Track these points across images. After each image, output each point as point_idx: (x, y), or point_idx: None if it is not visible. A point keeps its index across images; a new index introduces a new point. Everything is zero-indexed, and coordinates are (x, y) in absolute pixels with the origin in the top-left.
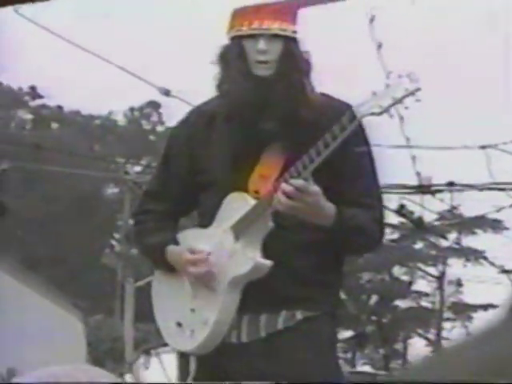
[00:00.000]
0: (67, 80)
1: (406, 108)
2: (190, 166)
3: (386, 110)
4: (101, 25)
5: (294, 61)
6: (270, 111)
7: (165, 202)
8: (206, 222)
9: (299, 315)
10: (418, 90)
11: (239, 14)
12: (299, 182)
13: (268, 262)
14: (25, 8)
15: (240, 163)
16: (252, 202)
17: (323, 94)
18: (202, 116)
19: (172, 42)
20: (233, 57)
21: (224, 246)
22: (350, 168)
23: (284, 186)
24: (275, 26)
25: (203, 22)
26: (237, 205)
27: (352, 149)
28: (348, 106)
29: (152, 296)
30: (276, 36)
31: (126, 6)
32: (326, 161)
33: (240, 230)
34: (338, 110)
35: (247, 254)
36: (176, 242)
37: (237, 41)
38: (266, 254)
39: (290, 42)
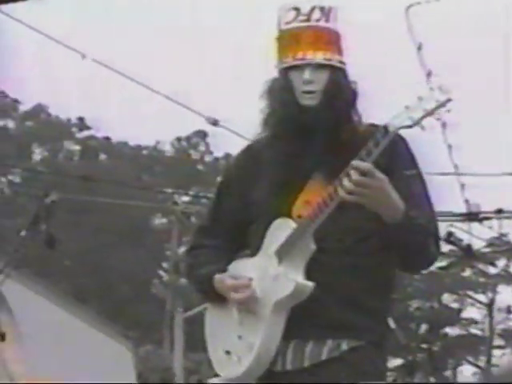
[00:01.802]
0: (114, 110)
1: (439, 119)
2: (241, 203)
3: (418, 123)
4: (148, 52)
5: (339, 90)
6: (315, 140)
7: (217, 238)
8: (254, 251)
9: (344, 345)
10: (449, 100)
11: (282, 46)
12: (367, 166)
13: (310, 284)
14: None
15: (284, 191)
16: (293, 224)
17: (372, 125)
18: (252, 152)
19: (220, 70)
20: (279, 88)
21: (268, 270)
22: (400, 191)
23: (352, 172)
24: (319, 56)
25: (252, 52)
26: (280, 230)
27: (400, 172)
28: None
29: (205, 329)
30: (321, 66)
31: (175, 35)
32: None
33: (283, 253)
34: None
35: (289, 276)
36: (225, 272)
37: (283, 73)
38: (311, 279)
39: (336, 71)
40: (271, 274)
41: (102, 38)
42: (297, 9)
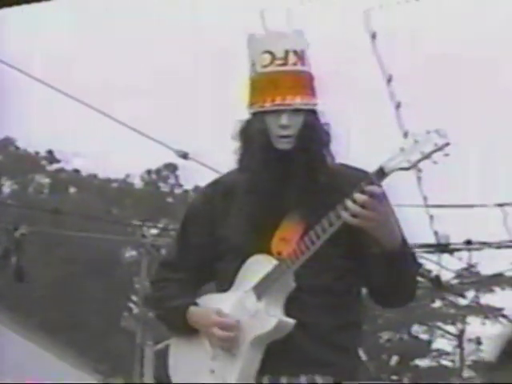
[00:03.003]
0: (83, 143)
1: (435, 163)
2: (208, 237)
3: (415, 165)
4: (117, 85)
5: (314, 133)
6: (291, 182)
7: (181, 272)
8: (225, 287)
9: (319, 380)
10: (447, 144)
11: (258, 89)
12: (377, 189)
13: (291, 321)
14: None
15: (261, 230)
16: (274, 261)
17: (343, 165)
18: (221, 188)
19: (191, 105)
20: (255, 132)
21: (246, 306)
22: None
23: (358, 195)
24: (297, 101)
25: (224, 88)
26: (258, 266)
27: None
28: (367, 174)
29: (169, 365)
30: (297, 110)
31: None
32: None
33: (262, 289)
34: (358, 177)
35: (270, 312)
36: (196, 305)
37: (258, 116)
38: (287, 315)
39: (311, 114)
40: (249, 309)
41: (70, 67)
42: (271, 52)
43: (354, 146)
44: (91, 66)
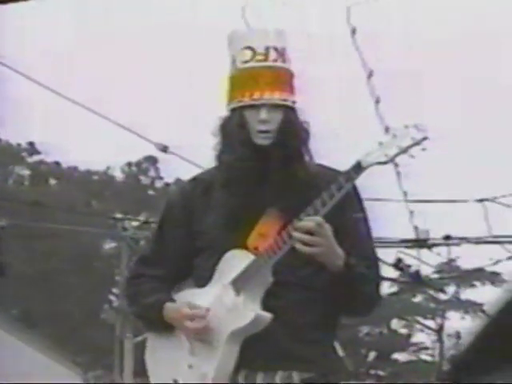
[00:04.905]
0: (64, 136)
1: (412, 157)
2: (186, 233)
3: (392, 160)
4: (99, 78)
5: (292, 130)
6: (269, 178)
7: (159, 268)
8: (202, 283)
9: (296, 377)
10: (425, 139)
11: (238, 84)
12: (318, 218)
13: (268, 315)
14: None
15: (238, 225)
16: (251, 256)
17: (319, 164)
18: (199, 184)
19: (170, 99)
20: (233, 127)
21: (224, 300)
22: (347, 233)
23: (303, 223)
24: (276, 96)
25: (202, 80)
26: (236, 261)
27: (350, 215)
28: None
29: (146, 360)
30: (277, 106)
31: (126, 60)
32: None
33: (240, 284)
34: (335, 177)
35: (248, 307)
36: (173, 301)
37: (238, 111)
38: (264, 310)
39: (290, 111)
40: (227, 304)
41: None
42: (251, 48)
43: (333, 144)
44: (79, 61)
